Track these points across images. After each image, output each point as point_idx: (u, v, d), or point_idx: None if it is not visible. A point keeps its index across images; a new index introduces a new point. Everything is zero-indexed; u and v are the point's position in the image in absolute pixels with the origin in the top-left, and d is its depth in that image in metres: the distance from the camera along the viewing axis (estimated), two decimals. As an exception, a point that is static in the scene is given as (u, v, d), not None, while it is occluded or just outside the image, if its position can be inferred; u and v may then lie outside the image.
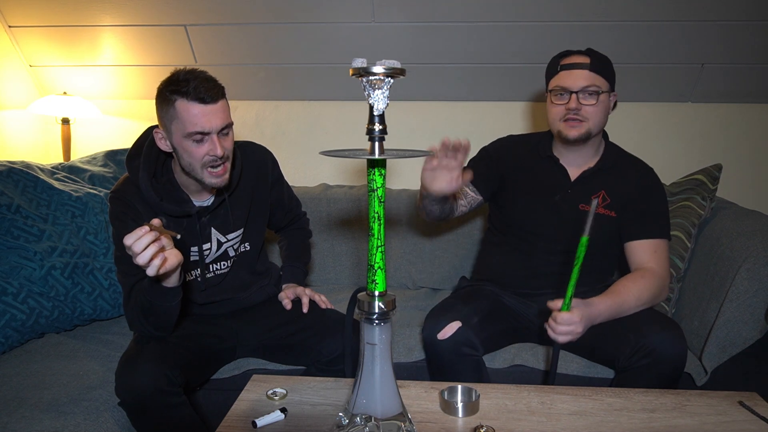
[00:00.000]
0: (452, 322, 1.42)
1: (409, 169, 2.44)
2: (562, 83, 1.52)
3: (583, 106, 1.50)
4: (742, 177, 2.34)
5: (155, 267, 1.12)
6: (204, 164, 1.31)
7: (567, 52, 1.56)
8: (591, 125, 1.52)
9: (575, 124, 1.52)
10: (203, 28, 2.22)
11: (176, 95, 1.25)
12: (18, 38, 2.32)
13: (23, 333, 1.58)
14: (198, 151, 1.29)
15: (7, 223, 1.62)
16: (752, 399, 1.16)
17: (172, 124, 1.28)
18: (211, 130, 1.28)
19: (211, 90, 1.26)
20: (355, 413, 0.93)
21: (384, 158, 0.85)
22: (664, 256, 1.53)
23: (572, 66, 1.51)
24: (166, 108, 1.27)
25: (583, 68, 1.50)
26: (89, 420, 1.25)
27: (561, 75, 1.53)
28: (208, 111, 1.26)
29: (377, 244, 0.89)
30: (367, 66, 0.79)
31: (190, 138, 1.27)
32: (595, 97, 1.50)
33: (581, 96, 1.50)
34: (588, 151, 1.60)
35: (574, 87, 1.50)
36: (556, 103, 1.54)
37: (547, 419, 1.09)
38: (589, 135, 1.53)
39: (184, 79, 1.25)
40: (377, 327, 0.91)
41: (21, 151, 2.39)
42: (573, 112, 1.51)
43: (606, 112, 1.55)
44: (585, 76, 1.50)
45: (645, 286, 1.45)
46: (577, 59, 1.52)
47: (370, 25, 2.15)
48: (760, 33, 2.05)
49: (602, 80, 1.51)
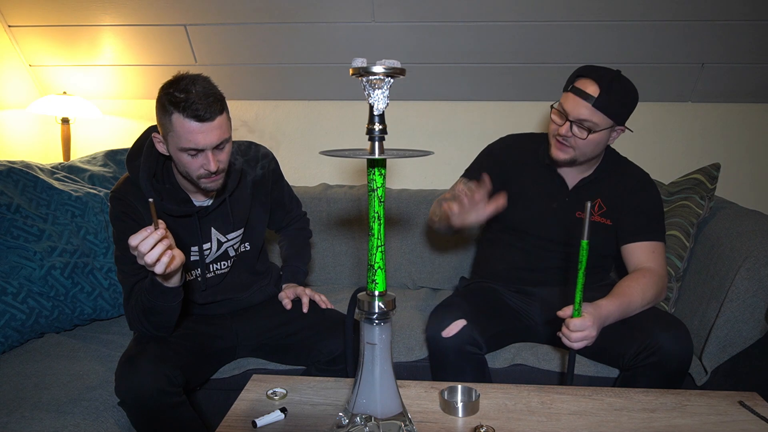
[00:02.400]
0: (457, 320, 1.43)
1: (409, 169, 2.44)
2: (564, 104, 1.49)
3: (573, 136, 1.48)
4: (742, 177, 2.34)
5: (164, 264, 1.12)
6: (199, 175, 1.31)
7: (588, 71, 1.47)
8: (577, 154, 1.51)
9: (562, 148, 1.51)
10: (203, 28, 2.22)
11: (173, 108, 1.22)
12: (18, 38, 2.32)
13: (23, 333, 1.58)
14: (192, 164, 1.29)
15: (7, 223, 1.62)
16: (752, 399, 1.16)
17: (168, 135, 1.27)
18: (206, 147, 1.26)
19: (210, 106, 1.23)
20: (355, 413, 0.93)
21: (384, 158, 0.85)
22: (661, 257, 1.53)
23: (580, 92, 1.45)
24: (164, 118, 1.26)
25: (587, 100, 1.43)
26: (89, 420, 1.25)
27: (568, 96, 1.48)
28: (204, 129, 1.24)
29: (377, 244, 0.89)
30: (367, 66, 0.79)
31: (185, 152, 1.27)
32: (587, 133, 1.46)
33: (574, 126, 1.46)
34: (582, 166, 1.59)
35: (570, 115, 1.46)
36: (553, 120, 1.53)
37: (547, 419, 1.09)
38: (573, 161, 1.53)
39: (184, 89, 1.22)
40: (377, 327, 0.91)
41: (21, 151, 2.39)
42: (562, 138, 1.50)
43: (598, 145, 1.50)
44: (585, 109, 1.44)
45: (648, 284, 1.46)
46: (587, 86, 1.44)
47: (370, 25, 2.15)
48: (760, 33, 2.05)
49: (603, 118, 1.44)
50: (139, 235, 1.10)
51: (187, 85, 1.23)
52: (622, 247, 1.56)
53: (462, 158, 1.88)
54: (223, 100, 1.28)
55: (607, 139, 1.51)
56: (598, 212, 1.58)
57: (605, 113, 1.44)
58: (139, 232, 1.10)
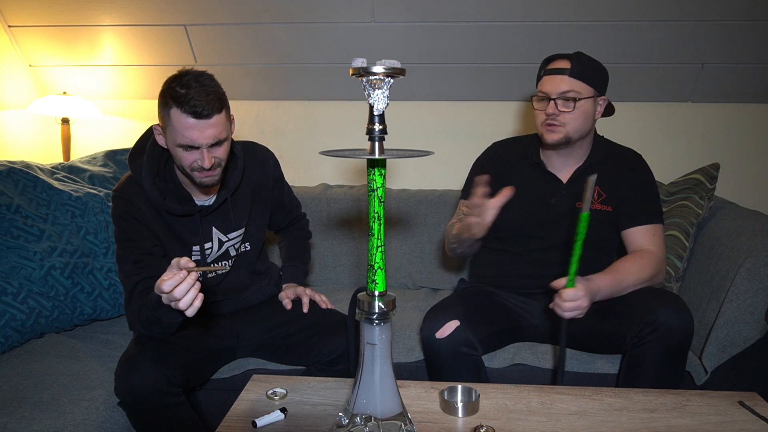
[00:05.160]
0: (450, 321, 1.42)
1: (409, 169, 2.44)
2: (543, 88, 1.54)
3: (561, 113, 1.50)
4: (743, 177, 2.34)
5: (196, 309, 1.12)
6: (192, 168, 1.31)
7: (552, 56, 1.55)
8: (569, 130, 1.52)
9: (553, 128, 1.53)
10: (203, 28, 2.22)
11: (173, 103, 1.23)
12: (18, 38, 2.32)
13: (23, 333, 1.58)
14: (186, 158, 1.29)
15: (7, 223, 1.62)
16: (752, 399, 1.16)
17: (167, 128, 1.28)
18: (201, 145, 1.26)
19: (209, 104, 1.23)
20: (355, 413, 0.93)
21: (384, 158, 0.85)
22: (660, 239, 1.56)
23: (553, 71, 1.51)
24: (164, 111, 1.27)
25: (563, 74, 1.49)
26: (89, 420, 1.25)
27: (543, 80, 1.54)
28: (201, 126, 1.24)
29: (377, 244, 0.89)
30: (367, 66, 0.79)
31: (181, 147, 1.27)
32: (572, 104, 1.49)
33: (559, 102, 1.50)
34: (575, 152, 1.60)
35: (552, 93, 1.50)
36: (537, 109, 1.56)
37: (547, 419, 1.09)
38: (568, 140, 1.54)
39: (186, 85, 1.23)
40: (377, 327, 0.91)
41: (21, 151, 2.39)
42: (551, 117, 1.51)
43: (587, 117, 1.53)
44: (564, 81, 1.49)
45: (644, 265, 1.48)
46: (559, 64, 1.51)
47: (370, 25, 2.15)
48: (761, 33, 2.05)
49: (582, 85, 1.49)
50: (172, 280, 1.09)
51: (189, 81, 1.24)
52: (622, 233, 1.58)
53: (462, 158, 1.88)
54: (223, 99, 1.28)
55: (594, 111, 1.54)
56: (598, 200, 1.58)
57: (583, 80, 1.49)
58: (173, 277, 1.10)
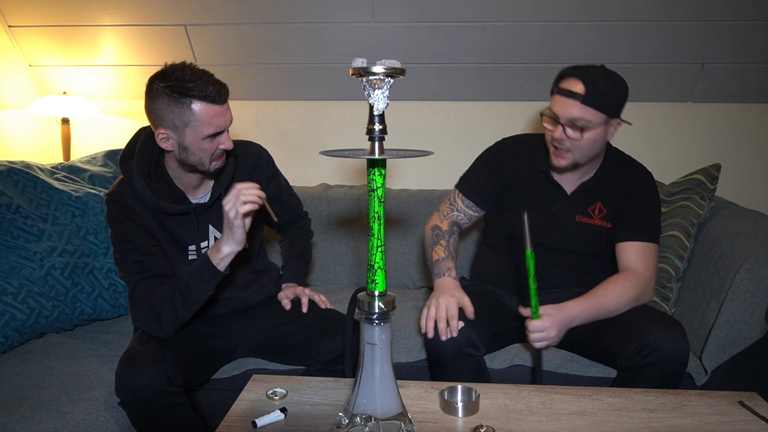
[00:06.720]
0: None
1: (409, 169, 2.44)
2: (553, 107, 1.45)
3: (568, 138, 1.43)
4: (743, 177, 2.34)
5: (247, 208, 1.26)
6: (213, 157, 1.36)
7: (568, 71, 1.44)
8: (577, 156, 1.47)
9: (561, 153, 1.48)
10: (203, 28, 2.22)
11: (192, 99, 1.26)
12: (18, 38, 2.32)
13: (23, 333, 1.58)
14: (211, 148, 1.34)
15: (7, 223, 1.62)
16: (752, 399, 1.16)
17: (187, 127, 1.29)
18: (225, 128, 1.33)
19: (221, 89, 1.30)
20: (355, 413, 0.93)
21: (384, 158, 0.85)
22: (651, 259, 1.52)
23: (566, 93, 1.41)
24: (178, 110, 1.27)
25: (575, 98, 1.39)
26: (89, 420, 1.25)
27: (555, 98, 1.45)
28: (223, 110, 1.31)
29: (377, 244, 0.89)
30: (367, 66, 0.79)
31: (209, 138, 1.31)
32: (580, 133, 1.42)
33: (568, 128, 1.43)
34: (584, 168, 1.56)
35: (561, 117, 1.42)
36: (546, 127, 1.50)
37: (547, 419, 1.09)
38: (576, 165, 1.50)
39: (190, 79, 1.26)
40: (377, 327, 0.91)
41: (21, 151, 2.39)
42: (557, 142, 1.46)
43: (596, 143, 1.46)
44: (575, 108, 1.40)
45: (626, 287, 1.45)
46: (572, 86, 1.40)
47: (370, 25, 2.15)
48: (761, 33, 2.05)
49: (594, 113, 1.40)
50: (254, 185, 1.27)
51: (187, 74, 1.27)
52: (615, 246, 1.55)
53: (462, 158, 1.87)
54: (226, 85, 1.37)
55: (604, 136, 1.47)
56: (599, 216, 1.57)
57: (595, 108, 1.40)
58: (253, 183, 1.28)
